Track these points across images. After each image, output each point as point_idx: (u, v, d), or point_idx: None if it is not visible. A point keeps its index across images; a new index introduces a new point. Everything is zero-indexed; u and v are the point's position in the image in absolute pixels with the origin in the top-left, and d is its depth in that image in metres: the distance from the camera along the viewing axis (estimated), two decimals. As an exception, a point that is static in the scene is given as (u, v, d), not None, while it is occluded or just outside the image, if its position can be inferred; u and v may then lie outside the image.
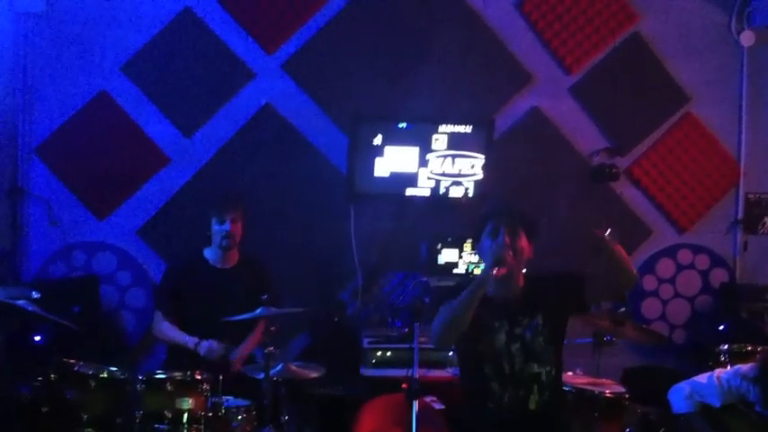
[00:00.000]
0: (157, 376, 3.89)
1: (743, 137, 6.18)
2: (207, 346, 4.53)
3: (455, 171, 5.61)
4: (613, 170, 5.94)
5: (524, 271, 3.66)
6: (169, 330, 4.72)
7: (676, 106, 6.11)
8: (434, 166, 5.58)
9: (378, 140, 5.47)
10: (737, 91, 6.18)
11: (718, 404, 3.81)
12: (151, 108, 5.61)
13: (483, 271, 3.46)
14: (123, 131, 5.59)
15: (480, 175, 5.63)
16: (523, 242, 3.58)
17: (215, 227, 4.75)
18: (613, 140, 6.03)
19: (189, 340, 4.61)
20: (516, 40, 5.91)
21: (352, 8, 5.70)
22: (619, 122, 6.04)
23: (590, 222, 3.48)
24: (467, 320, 3.43)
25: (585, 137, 6.03)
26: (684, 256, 6.18)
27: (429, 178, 5.59)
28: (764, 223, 6.21)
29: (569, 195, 5.90)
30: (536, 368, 3.56)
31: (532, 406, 3.49)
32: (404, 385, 3.76)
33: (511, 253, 3.45)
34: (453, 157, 5.59)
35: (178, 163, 5.66)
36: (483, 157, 5.61)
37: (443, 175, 5.60)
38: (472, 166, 5.62)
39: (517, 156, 5.86)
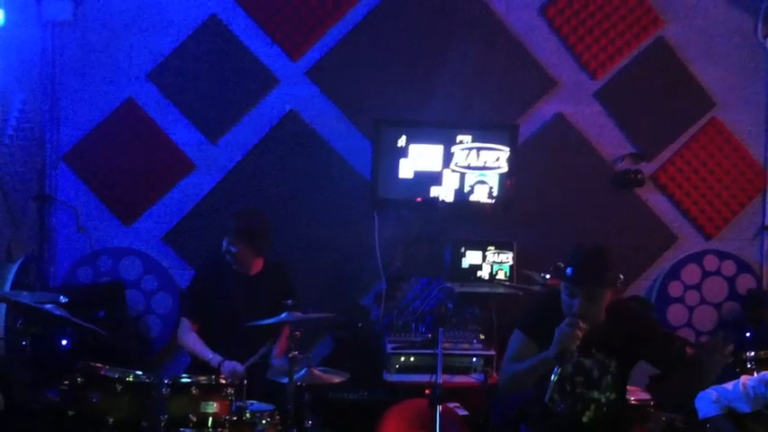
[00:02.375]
0: (182, 380, 3.90)
1: (769, 143, 6.14)
2: (230, 368, 4.49)
3: (480, 164, 5.58)
4: (638, 176, 5.91)
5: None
6: (195, 344, 4.72)
7: (702, 111, 6.07)
8: (459, 158, 5.56)
9: (402, 142, 5.48)
10: (763, 96, 6.11)
11: (748, 410, 3.78)
12: (177, 114, 5.66)
13: (548, 354, 3.41)
14: (149, 138, 5.64)
15: (505, 168, 5.60)
16: (606, 298, 3.52)
17: (223, 241, 4.78)
18: (638, 146, 6.00)
19: (213, 358, 4.59)
20: (540, 45, 5.89)
21: (375, 15, 5.72)
22: (644, 128, 6.00)
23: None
24: (531, 384, 3.54)
25: (610, 142, 6.00)
26: (710, 263, 6.12)
27: (453, 171, 5.55)
28: (791, 229, 6.15)
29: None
30: (596, 394, 3.62)
31: (585, 419, 3.55)
32: (427, 391, 3.76)
33: (581, 332, 3.38)
34: (478, 149, 5.57)
35: (204, 169, 5.71)
36: (508, 149, 5.58)
37: (468, 168, 5.57)
38: (497, 159, 5.59)
39: (541, 161, 5.84)
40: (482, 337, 5.32)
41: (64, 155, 5.63)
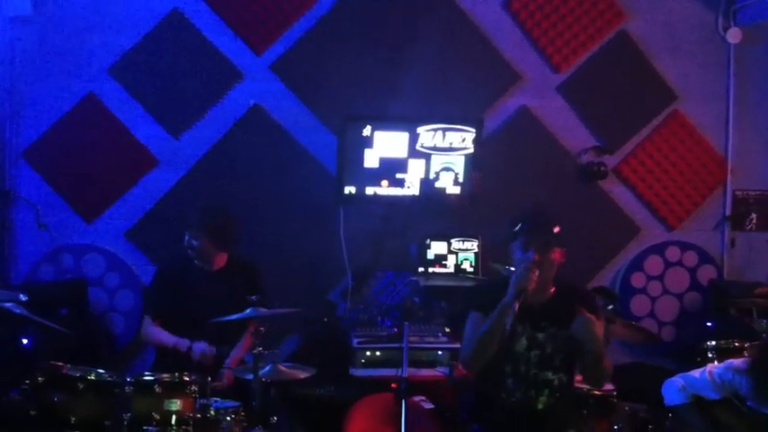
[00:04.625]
0: (145, 378, 3.85)
1: (730, 134, 6.21)
2: (200, 349, 4.52)
3: (446, 145, 5.59)
4: (602, 168, 5.97)
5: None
6: (159, 334, 4.70)
7: (664, 104, 6.14)
8: (425, 139, 5.56)
9: (367, 131, 5.46)
10: (724, 88, 6.21)
11: (716, 397, 3.83)
12: (139, 110, 5.60)
13: (507, 298, 3.53)
14: (111, 134, 5.57)
15: (471, 149, 5.61)
16: (555, 255, 3.66)
17: (185, 235, 4.75)
18: (601, 139, 6.05)
19: (181, 343, 4.59)
20: (504, 40, 5.92)
21: (339, 9, 5.70)
22: (607, 121, 6.06)
23: None
24: (495, 345, 3.56)
25: (574, 135, 6.05)
26: (673, 254, 6.20)
27: (419, 151, 5.54)
28: (752, 220, 6.24)
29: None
30: (550, 375, 3.69)
31: (540, 406, 3.58)
32: (393, 385, 3.77)
33: (536, 274, 3.53)
34: (444, 130, 5.56)
35: (166, 165, 5.65)
36: (474, 130, 5.59)
37: (434, 149, 5.57)
38: (463, 140, 5.60)
39: (506, 155, 5.87)
40: (448, 330, 5.34)
41: (24, 151, 5.54)
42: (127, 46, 5.55)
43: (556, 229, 3.68)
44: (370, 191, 5.57)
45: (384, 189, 5.58)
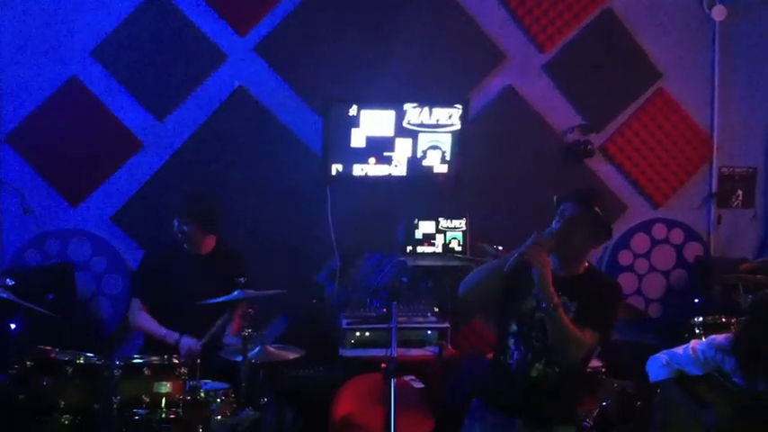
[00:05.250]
0: (134, 361, 3.87)
1: (715, 111, 6.23)
2: (187, 345, 4.50)
3: (432, 121, 5.57)
4: (588, 147, 5.98)
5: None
6: (148, 322, 4.72)
7: (649, 82, 6.14)
8: (412, 116, 5.54)
9: (353, 111, 5.43)
10: (709, 66, 6.22)
11: (699, 373, 3.86)
12: (122, 93, 5.55)
13: (515, 253, 3.39)
14: (95, 117, 5.52)
15: (458, 126, 5.60)
16: (583, 233, 3.49)
17: (174, 221, 4.74)
18: (587, 117, 6.06)
19: (168, 335, 4.60)
20: (489, 19, 5.89)
21: (324, -11, 5.67)
22: (592, 99, 6.06)
23: None
24: (487, 287, 3.51)
25: (560, 114, 6.05)
26: (659, 231, 6.24)
27: (405, 128, 5.51)
28: (737, 197, 6.27)
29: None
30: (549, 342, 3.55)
31: (534, 373, 3.51)
32: (383, 365, 3.77)
33: (541, 253, 3.35)
34: (431, 107, 5.55)
35: (151, 148, 5.61)
36: (461, 107, 5.58)
37: (421, 126, 5.55)
38: (450, 116, 5.59)
39: (492, 135, 5.86)
40: (436, 310, 5.35)
41: (7, 135, 5.48)
42: (109, 28, 5.49)
43: (596, 209, 3.50)
44: (357, 170, 5.55)
45: (371, 167, 5.56)
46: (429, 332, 5.22)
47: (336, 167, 5.51)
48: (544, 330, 3.41)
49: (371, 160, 5.54)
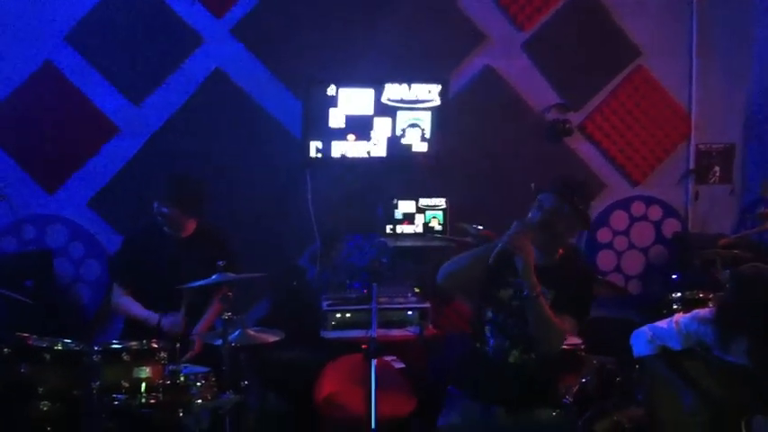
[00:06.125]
0: (113, 347, 3.85)
1: (693, 89, 6.24)
2: (170, 321, 4.50)
3: (412, 97, 5.56)
4: (567, 126, 5.98)
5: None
6: (130, 305, 4.69)
7: (627, 60, 6.15)
8: (391, 92, 5.52)
9: (332, 90, 5.41)
10: (687, 43, 6.22)
11: (678, 347, 3.88)
12: (98, 77, 5.49)
13: (497, 244, 3.39)
14: (70, 102, 5.47)
15: (437, 102, 5.58)
16: (563, 225, 3.52)
17: (154, 204, 4.71)
18: (566, 96, 6.05)
19: (150, 316, 4.58)
20: (468, -1, 5.88)
21: (301, -31, 5.62)
22: (571, 78, 6.06)
23: None
24: (468, 276, 3.53)
25: (539, 94, 6.04)
26: (638, 208, 6.26)
27: (384, 105, 5.49)
28: (715, 173, 6.31)
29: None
30: (526, 329, 3.55)
31: (512, 360, 3.53)
32: (364, 346, 3.77)
33: (525, 242, 3.36)
34: (410, 83, 5.54)
35: (128, 132, 5.56)
36: (440, 85, 5.58)
37: (401, 102, 5.54)
38: (429, 92, 5.57)
39: (472, 114, 5.85)
40: (417, 290, 5.36)
41: (-20, 122, 5.43)
42: (82, 12, 5.43)
43: (575, 202, 3.52)
44: (336, 149, 5.53)
45: (350, 144, 5.54)
46: (410, 312, 5.23)
47: (315, 145, 5.49)
48: (521, 318, 3.44)
49: (351, 137, 5.52)
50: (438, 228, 5.70)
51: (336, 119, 5.47)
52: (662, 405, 4.01)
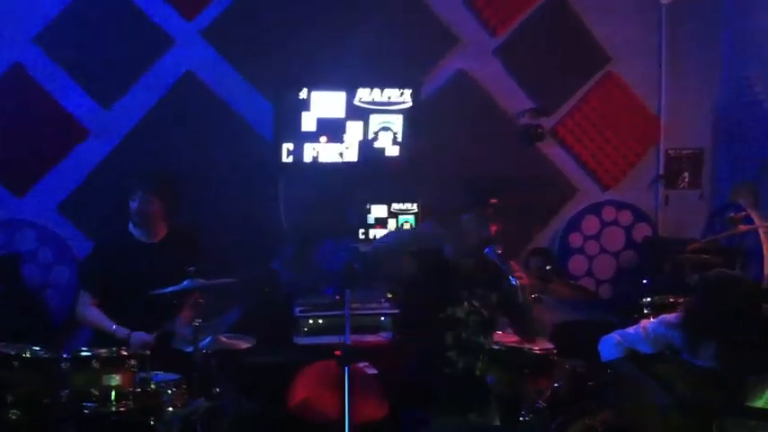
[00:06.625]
0: (83, 354, 3.79)
1: (663, 94, 6.31)
2: (139, 338, 4.42)
3: (384, 99, 5.56)
4: (539, 130, 6.02)
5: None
6: (97, 318, 4.60)
7: (598, 66, 6.21)
8: (363, 94, 5.52)
9: (303, 94, 5.40)
10: (657, 49, 6.29)
11: (649, 351, 3.92)
12: (67, 80, 5.42)
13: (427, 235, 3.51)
14: (39, 105, 5.39)
15: (410, 104, 5.59)
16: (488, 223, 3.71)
17: (133, 202, 4.65)
18: (538, 101, 6.09)
19: (118, 331, 4.49)
20: (441, 3, 5.89)
21: (273, -28, 5.60)
22: (543, 83, 6.11)
23: None
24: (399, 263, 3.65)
25: (511, 98, 6.08)
26: (608, 213, 6.32)
27: (356, 107, 5.50)
28: (684, 178, 6.38)
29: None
30: (481, 339, 3.75)
31: (478, 372, 3.58)
32: (337, 352, 3.76)
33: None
34: (382, 88, 5.55)
35: (97, 135, 5.49)
36: (411, 89, 5.59)
37: (373, 104, 5.54)
38: (402, 94, 5.58)
39: (445, 118, 5.87)
40: (390, 296, 5.35)
41: (-53, 125, 5.34)
42: (52, 14, 5.35)
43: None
44: (308, 152, 5.51)
45: (323, 147, 5.53)
46: (383, 318, 5.23)
47: (287, 147, 5.46)
48: (478, 331, 3.50)
49: (323, 139, 5.51)
50: (410, 232, 5.70)
51: (308, 122, 5.45)
52: (633, 408, 4.04)
